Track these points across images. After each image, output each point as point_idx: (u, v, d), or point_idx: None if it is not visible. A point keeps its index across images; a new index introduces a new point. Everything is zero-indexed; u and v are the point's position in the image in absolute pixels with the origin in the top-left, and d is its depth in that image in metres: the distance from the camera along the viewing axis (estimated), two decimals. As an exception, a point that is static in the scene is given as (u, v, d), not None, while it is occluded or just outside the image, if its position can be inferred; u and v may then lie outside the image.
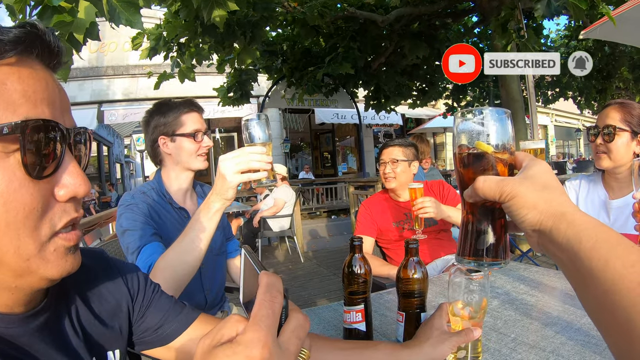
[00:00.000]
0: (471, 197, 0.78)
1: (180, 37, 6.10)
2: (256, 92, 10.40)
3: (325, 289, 6.28)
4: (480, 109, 0.80)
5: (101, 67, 17.22)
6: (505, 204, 0.73)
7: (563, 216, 0.68)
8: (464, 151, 0.81)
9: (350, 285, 1.44)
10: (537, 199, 0.70)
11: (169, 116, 2.19)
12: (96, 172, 25.25)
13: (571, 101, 17.55)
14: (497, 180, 0.74)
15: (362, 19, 7.39)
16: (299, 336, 0.59)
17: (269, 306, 0.57)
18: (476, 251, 0.80)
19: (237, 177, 1.50)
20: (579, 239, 0.64)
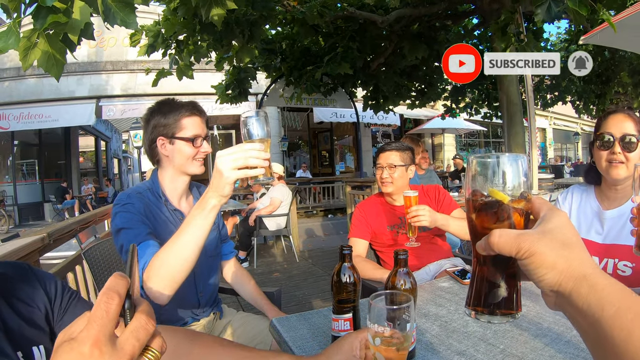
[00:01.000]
0: (485, 250, 0.74)
1: (179, 35, 6.09)
2: (254, 90, 10.39)
3: (319, 289, 6.28)
4: (496, 155, 0.77)
5: (100, 62, 17.22)
6: (522, 261, 0.69)
7: (584, 279, 0.64)
8: (477, 198, 0.77)
9: (339, 294, 1.44)
10: (557, 257, 0.67)
11: (169, 117, 2.17)
12: (93, 167, 25.29)
13: (570, 105, 17.56)
14: (514, 235, 0.70)
15: (361, 19, 7.39)
16: (138, 337, 0.61)
17: (104, 307, 0.59)
18: (489, 305, 0.77)
19: (234, 173, 1.47)
20: (601, 305, 0.61)
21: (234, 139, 20.72)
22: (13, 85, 16.57)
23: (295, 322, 1.75)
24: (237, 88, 9.01)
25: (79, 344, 0.56)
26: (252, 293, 2.57)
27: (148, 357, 0.63)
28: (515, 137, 7.52)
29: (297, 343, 1.56)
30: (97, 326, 0.57)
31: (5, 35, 2.19)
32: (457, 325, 1.68)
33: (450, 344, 1.52)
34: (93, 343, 0.56)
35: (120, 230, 1.97)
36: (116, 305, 0.60)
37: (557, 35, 16.67)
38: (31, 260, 2.52)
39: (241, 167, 1.47)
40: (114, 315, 0.59)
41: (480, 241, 0.75)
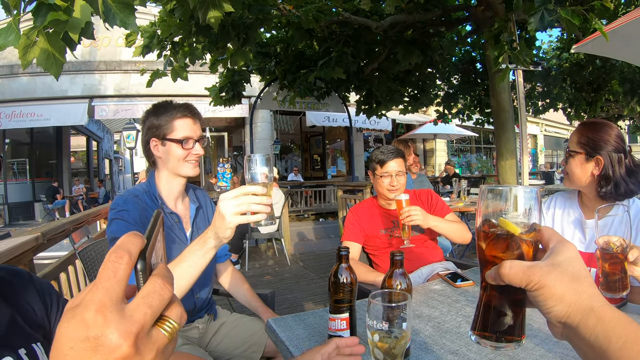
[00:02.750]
0: (495, 280, 0.76)
1: (175, 36, 6.08)
2: (248, 93, 10.38)
3: (311, 292, 6.31)
4: (509, 186, 0.78)
5: (93, 62, 17.13)
6: (532, 292, 0.71)
7: (592, 311, 0.67)
8: (488, 228, 0.79)
9: (336, 294, 1.47)
10: (566, 290, 0.69)
11: (161, 119, 2.19)
12: (85, 167, 25.17)
13: (561, 112, 17.66)
14: (525, 267, 0.71)
15: (356, 24, 7.40)
16: (151, 303, 0.53)
17: (111, 267, 0.51)
18: (495, 331, 0.79)
19: (236, 219, 1.48)
20: (608, 337, 0.64)
21: (226, 141, 20.70)
22: (5, 83, 16.46)
23: (291, 322, 1.78)
24: (231, 91, 8.99)
25: (82, 309, 0.49)
26: (246, 295, 2.59)
27: (164, 328, 0.55)
28: (507, 144, 7.56)
29: (293, 342, 1.58)
30: (103, 289, 0.50)
31: (5, 33, 2.20)
32: (450, 326, 1.71)
33: (443, 343, 1.55)
34: (97, 308, 0.49)
35: (114, 239, 1.98)
36: (125, 264, 0.52)
37: (549, 43, 16.76)
38: (25, 260, 2.52)
39: (243, 213, 1.48)
40: (122, 276, 0.52)
41: (490, 271, 0.77)
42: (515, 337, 0.78)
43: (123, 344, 0.49)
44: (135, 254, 0.54)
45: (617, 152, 2.16)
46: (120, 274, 0.51)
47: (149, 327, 0.53)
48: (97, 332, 0.48)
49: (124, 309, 0.51)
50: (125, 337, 0.49)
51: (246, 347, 2.42)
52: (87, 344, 0.48)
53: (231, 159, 19.13)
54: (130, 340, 0.49)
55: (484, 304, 0.81)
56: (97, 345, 0.48)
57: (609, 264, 1.66)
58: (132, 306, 0.52)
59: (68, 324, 0.49)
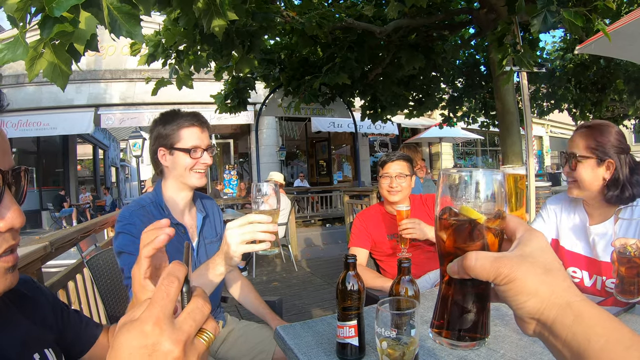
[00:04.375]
0: (459, 274, 0.69)
1: (179, 45, 6.09)
2: (253, 100, 10.40)
3: (319, 298, 6.30)
4: (470, 170, 0.71)
5: (99, 71, 17.19)
6: (501, 287, 0.65)
7: (568, 307, 0.61)
8: (448, 216, 0.72)
9: (344, 301, 1.47)
10: (539, 284, 0.63)
11: (168, 128, 2.18)
12: (91, 176, 25.24)
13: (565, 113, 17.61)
14: (492, 259, 0.65)
15: (360, 29, 7.39)
16: (195, 318, 0.66)
17: (165, 289, 0.64)
18: (454, 329, 0.72)
19: (242, 248, 1.52)
20: (588, 336, 0.58)
21: (232, 148, 20.71)
22: (12, 92, 16.50)
23: (300, 330, 1.78)
24: (236, 98, 9.01)
25: (140, 322, 0.61)
26: (253, 302, 2.59)
27: (203, 338, 0.67)
28: (512, 147, 7.53)
29: (302, 350, 1.59)
30: (159, 307, 0.62)
31: (13, 46, 2.21)
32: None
33: (451, 350, 1.55)
34: (155, 322, 0.61)
35: (121, 253, 1.99)
36: (176, 288, 0.65)
37: (553, 44, 16.69)
38: (34, 269, 2.53)
39: (249, 242, 1.52)
40: (173, 297, 0.64)
41: (452, 264, 0.70)
42: (478, 335, 0.72)
43: (175, 350, 0.61)
44: (182, 279, 0.67)
45: (622, 153, 2.12)
46: (172, 295, 0.64)
47: (193, 336, 0.65)
48: (154, 340, 0.61)
49: (174, 322, 0.63)
50: (177, 344, 0.61)
51: (254, 355, 2.41)
52: (144, 350, 0.60)
53: (237, 165, 19.15)
54: (180, 347, 0.62)
55: (443, 299, 0.74)
56: (153, 352, 0.60)
57: (625, 268, 1.61)
58: (180, 320, 0.65)
59: (128, 334, 0.61)
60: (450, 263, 0.70)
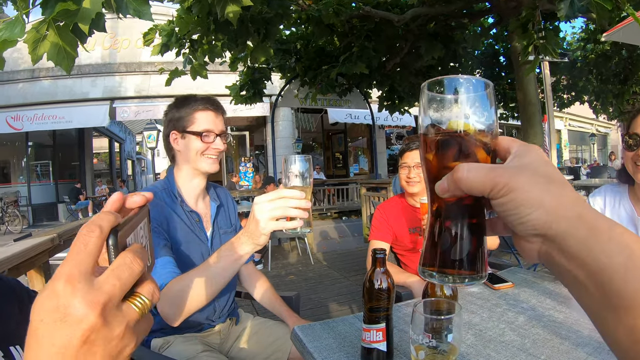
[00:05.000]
0: (449, 190, 0.59)
1: (193, 34, 6.02)
2: (269, 91, 10.35)
3: (335, 292, 6.21)
4: (454, 78, 0.62)
5: (114, 64, 17.29)
6: (499, 200, 0.54)
7: (580, 219, 0.50)
8: (434, 132, 0.62)
9: (371, 302, 1.32)
10: (543, 193, 0.52)
11: (182, 111, 2.11)
12: (107, 168, 25.49)
13: (585, 105, 17.35)
14: (487, 169, 0.56)
15: (377, 18, 7.29)
16: (120, 276, 0.54)
17: (82, 240, 0.54)
18: (445, 262, 0.62)
19: (271, 225, 1.39)
20: (607, 252, 0.47)
21: (248, 141, 20.70)
22: (27, 86, 16.67)
23: (320, 330, 1.64)
24: (252, 89, 8.96)
25: (52, 280, 0.51)
26: (269, 298, 2.47)
27: (135, 303, 0.57)
28: (534, 138, 7.37)
29: (322, 354, 1.45)
30: (73, 261, 0.52)
31: (12, 25, 2.11)
32: (493, 334, 1.56)
33: (488, 354, 1.41)
34: (67, 279, 0.51)
35: None
36: (96, 238, 0.54)
37: (572, 35, 16.44)
38: (41, 261, 2.46)
39: (279, 218, 1.38)
40: (92, 249, 0.54)
41: (440, 181, 0.60)
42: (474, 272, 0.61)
43: (90, 314, 0.50)
44: (107, 228, 0.56)
45: None
46: (90, 247, 0.53)
47: (117, 299, 0.54)
48: (65, 301, 0.50)
49: (94, 280, 0.52)
50: (92, 307, 0.50)
51: (269, 353, 2.31)
52: (56, 314, 0.50)
53: (253, 158, 19.16)
54: (97, 310, 0.51)
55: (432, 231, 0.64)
56: (65, 315, 0.50)
57: None
58: (101, 278, 0.53)
59: (40, 296, 0.51)
60: (438, 181, 0.60)
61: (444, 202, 0.62)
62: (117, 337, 0.53)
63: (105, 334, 0.52)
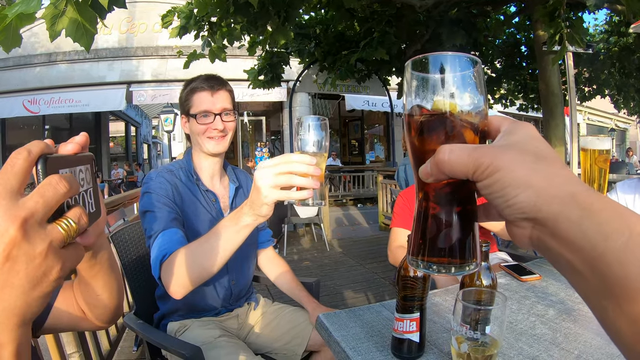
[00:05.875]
0: (432, 174, 0.55)
1: (212, 16, 5.98)
2: (286, 77, 10.32)
3: (351, 279, 6.19)
4: (440, 55, 0.57)
5: (131, 48, 17.34)
6: (483, 181, 0.50)
7: (573, 199, 0.45)
8: (418, 113, 0.58)
9: (405, 290, 1.25)
10: (531, 172, 0.48)
11: (184, 94, 2.09)
12: (123, 152, 25.67)
13: (604, 100, 17.13)
14: (470, 149, 0.51)
15: (399, 3, 7.20)
16: (43, 194, 0.55)
17: (10, 161, 0.56)
18: (432, 251, 0.59)
19: (275, 194, 1.23)
20: (604, 233, 0.43)
21: (264, 126, 20.71)
22: (44, 70, 16.79)
23: (345, 319, 1.58)
24: (270, 73, 8.93)
25: None
26: (289, 284, 2.42)
27: (61, 225, 0.57)
28: (556, 130, 7.26)
29: (350, 344, 1.39)
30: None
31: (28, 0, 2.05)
32: (524, 326, 1.50)
33: (520, 347, 1.34)
34: None
35: (145, 212, 1.88)
36: (23, 160, 0.56)
37: (595, 27, 16.16)
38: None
39: (284, 186, 1.23)
40: (18, 170, 0.55)
41: (423, 166, 0.56)
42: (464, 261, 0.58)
43: (10, 227, 0.51)
44: (35, 153, 0.58)
45: None
46: (17, 168, 0.55)
47: (40, 216, 0.55)
48: None
49: (18, 199, 0.53)
50: (13, 220, 0.51)
51: (288, 340, 2.27)
52: None
53: (269, 143, 19.20)
54: (17, 224, 0.52)
55: (420, 219, 0.60)
56: None
57: None
58: (26, 197, 0.55)
59: None
60: (422, 166, 0.57)
61: (430, 187, 0.59)
62: (39, 256, 0.54)
63: (27, 250, 0.52)
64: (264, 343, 2.29)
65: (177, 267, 1.51)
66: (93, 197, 0.75)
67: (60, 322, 1.24)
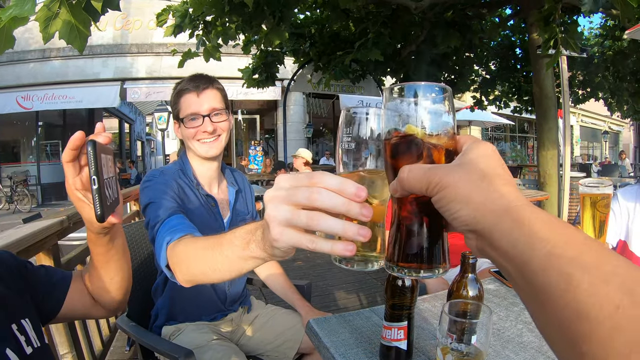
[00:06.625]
0: (396, 191, 0.63)
1: (207, 15, 5.96)
2: (281, 76, 10.32)
3: (343, 280, 6.16)
4: (412, 85, 0.64)
5: (125, 45, 17.34)
6: (434, 197, 0.57)
7: (506, 212, 0.51)
8: (392, 136, 0.65)
9: (394, 299, 1.26)
10: (472, 189, 0.54)
11: (173, 98, 2.05)
12: (117, 149, 25.54)
13: (600, 102, 17.18)
14: (425, 169, 0.59)
15: (394, 4, 7.22)
16: None
17: None
18: (406, 256, 0.65)
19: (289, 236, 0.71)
20: (530, 244, 0.47)
21: (258, 124, 20.68)
22: (38, 66, 16.76)
23: (336, 324, 1.59)
24: (264, 72, 8.93)
25: None
26: (282, 286, 2.43)
27: None
28: (549, 133, 7.29)
29: (339, 350, 1.40)
30: None
31: (22, 2, 2.04)
32: (511, 334, 1.51)
33: (507, 355, 1.36)
34: None
35: (148, 204, 1.81)
36: None
37: (589, 30, 16.19)
38: (50, 244, 2.43)
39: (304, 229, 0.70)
40: None
41: (392, 182, 0.64)
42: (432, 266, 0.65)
43: None
44: None
45: None
46: None
47: None
48: None
49: None
50: None
51: (280, 342, 2.28)
52: None
53: (263, 141, 19.18)
54: None
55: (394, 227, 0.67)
56: None
57: None
58: None
59: None
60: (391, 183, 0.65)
61: (401, 201, 0.66)
62: None
63: None
64: (256, 345, 2.29)
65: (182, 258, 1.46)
66: (116, 185, 0.92)
67: (72, 310, 1.31)
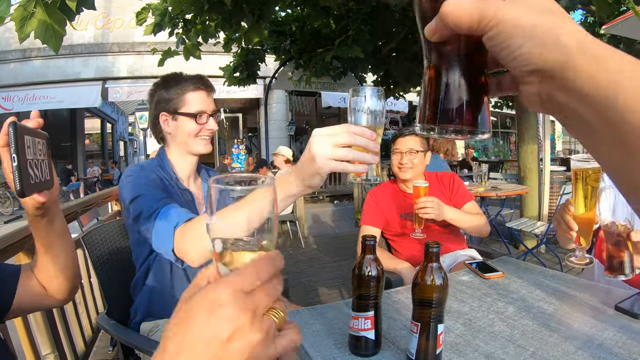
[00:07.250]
0: (436, 30, 0.53)
1: (186, 13, 5.95)
2: (263, 73, 10.30)
3: (325, 276, 6.20)
4: None
5: (106, 44, 17.15)
6: (488, 34, 0.48)
7: (581, 48, 0.43)
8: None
9: (360, 289, 1.29)
10: (537, 23, 0.45)
11: (171, 92, 2.05)
12: (99, 150, 25.34)
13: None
14: (475, 1, 0.48)
15: (374, 1, 7.23)
16: (269, 293, 0.58)
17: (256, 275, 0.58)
18: (444, 116, 0.58)
19: (331, 164, 1.11)
20: (616, 82, 0.40)
21: (241, 123, 20.62)
22: (18, 67, 16.56)
23: (308, 316, 1.62)
24: (245, 70, 8.91)
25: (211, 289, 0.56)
26: None
27: (274, 315, 0.60)
28: (529, 130, 7.35)
29: (309, 340, 1.43)
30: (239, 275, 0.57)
31: (-3, 3, 2.05)
32: (482, 324, 1.55)
33: (477, 345, 1.40)
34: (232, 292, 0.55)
35: (136, 198, 1.82)
36: None
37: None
38: (29, 244, 2.42)
39: (342, 159, 1.11)
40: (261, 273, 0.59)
41: (430, 22, 0.54)
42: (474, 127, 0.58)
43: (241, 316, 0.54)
44: None
45: None
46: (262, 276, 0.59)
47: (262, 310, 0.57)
48: None
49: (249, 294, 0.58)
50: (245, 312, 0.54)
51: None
52: None
53: (246, 140, 19.12)
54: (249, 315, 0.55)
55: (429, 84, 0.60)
56: None
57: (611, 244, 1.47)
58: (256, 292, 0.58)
59: None
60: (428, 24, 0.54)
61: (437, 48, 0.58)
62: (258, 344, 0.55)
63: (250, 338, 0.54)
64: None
65: (196, 235, 1.48)
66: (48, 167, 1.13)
67: (23, 303, 1.30)
